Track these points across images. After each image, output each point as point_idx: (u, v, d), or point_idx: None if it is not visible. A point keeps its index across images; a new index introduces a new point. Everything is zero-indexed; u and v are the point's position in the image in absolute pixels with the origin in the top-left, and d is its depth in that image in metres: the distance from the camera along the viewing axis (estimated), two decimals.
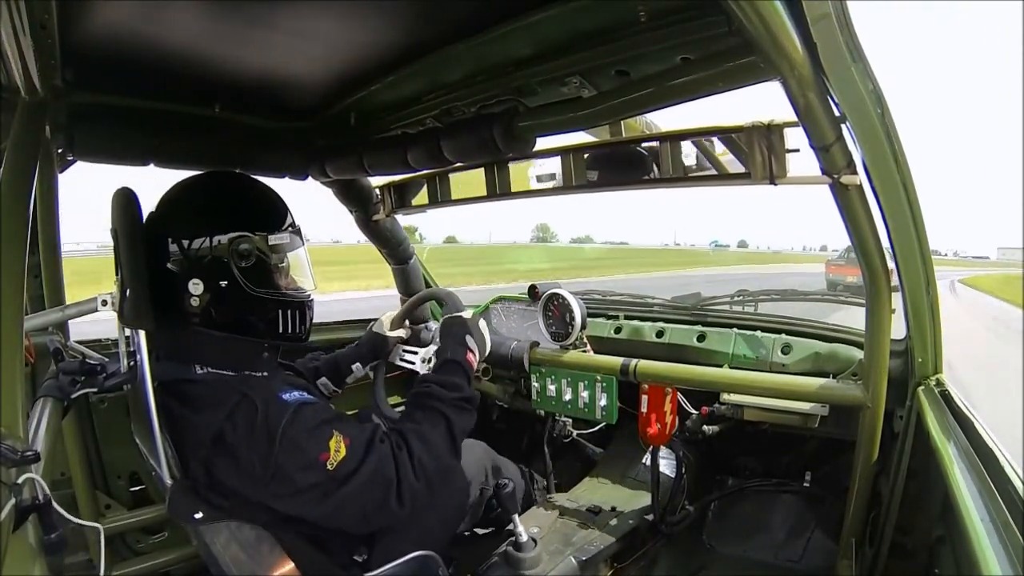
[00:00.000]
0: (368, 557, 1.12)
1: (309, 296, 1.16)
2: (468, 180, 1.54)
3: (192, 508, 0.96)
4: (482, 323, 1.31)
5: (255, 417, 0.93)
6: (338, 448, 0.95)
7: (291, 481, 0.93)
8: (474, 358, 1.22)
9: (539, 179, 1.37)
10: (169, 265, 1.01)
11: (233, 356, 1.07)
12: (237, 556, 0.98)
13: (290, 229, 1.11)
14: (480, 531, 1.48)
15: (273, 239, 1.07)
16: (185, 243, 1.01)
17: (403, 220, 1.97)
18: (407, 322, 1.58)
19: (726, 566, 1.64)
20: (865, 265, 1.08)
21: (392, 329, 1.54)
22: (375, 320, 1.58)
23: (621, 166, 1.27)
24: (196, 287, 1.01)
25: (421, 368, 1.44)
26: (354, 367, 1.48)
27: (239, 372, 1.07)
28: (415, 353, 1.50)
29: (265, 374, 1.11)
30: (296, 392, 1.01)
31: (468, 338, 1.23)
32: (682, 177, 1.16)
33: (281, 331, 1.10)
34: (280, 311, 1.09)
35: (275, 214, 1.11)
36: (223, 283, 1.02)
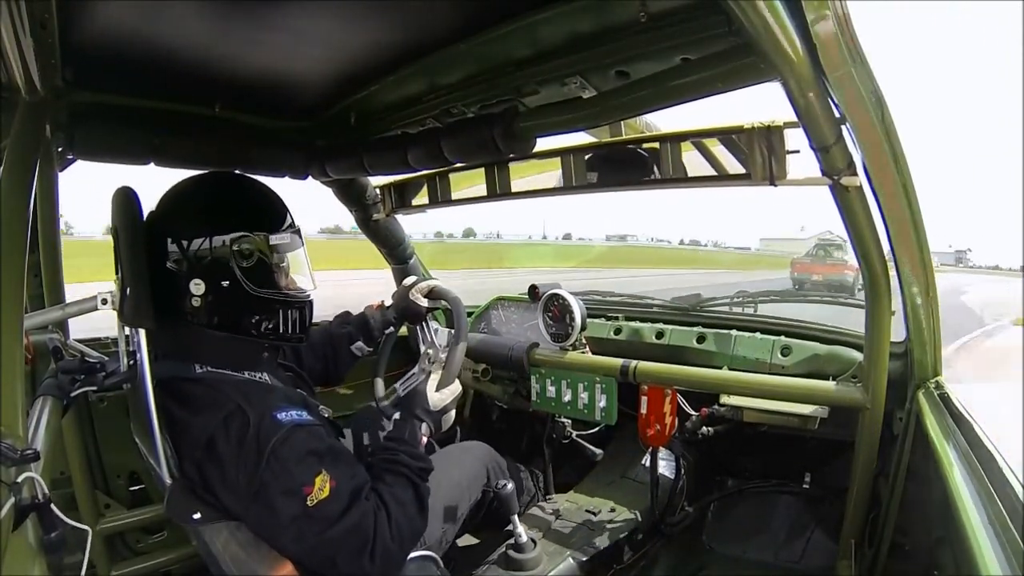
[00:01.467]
0: None
1: (309, 296, 1.16)
2: (468, 179, 1.55)
3: (191, 508, 0.96)
4: (450, 414, 1.25)
5: (247, 432, 0.93)
6: (322, 487, 0.94)
7: (272, 507, 0.93)
8: (426, 438, 1.19)
9: None
10: (170, 265, 1.01)
11: (233, 356, 1.07)
12: (237, 556, 0.98)
13: (290, 229, 1.11)
14: (480, 532, 1.48)
15: (274, 239, 1.07)
16: (186, 243, 1.01)
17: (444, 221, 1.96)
18: (443, 301, 1.57)
19: (726, 567, 1.64)
20: (865, 266, 1.08)
21: (426, 297, 1.53)
22: (412, 281, 1.56)
23: (621, 167, 1.27)
24: (198, 287, 1.01)
25: (422, 359, 1.44)
26: (387, 331, 1.52)
27: (238, 372, 1.07)
28: (428, 337, 1.50)
29: (265, 376, 1.11)
30: (294, 411, 0.99)
31: (424, 426, 1.18)
32: (682, 178, 1.16)
33: (281, 331, 1.10)
34: (281, 311, 1.10)
35: (276, 214, 1.11)
36: (224, 283, 1.03)
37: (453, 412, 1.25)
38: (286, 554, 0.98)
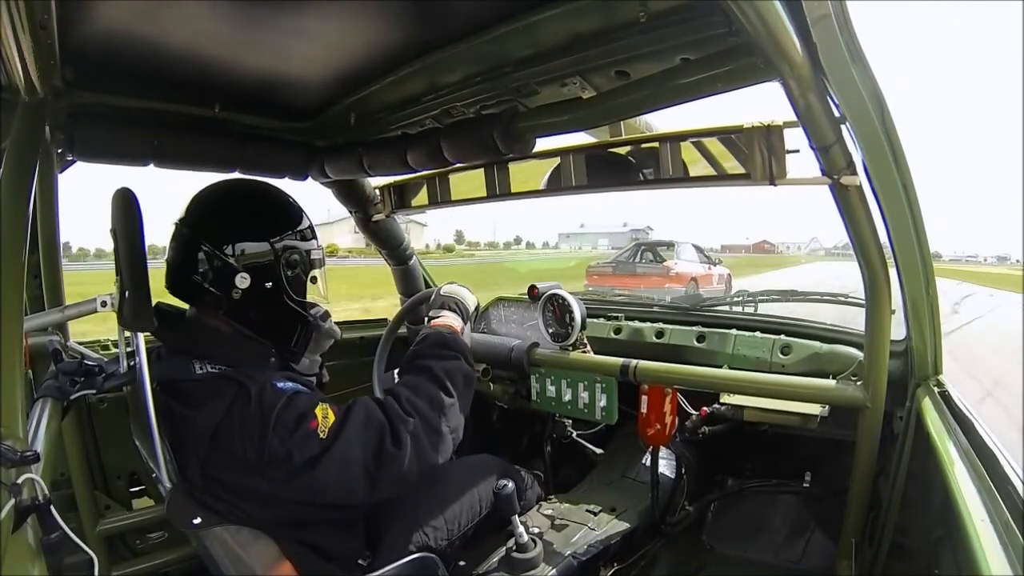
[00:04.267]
0: (372, 560, 1.12)
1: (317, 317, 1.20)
2: (468, 180, 1.54)
3: (191, 513, 0.96)
4: (452, 287, 1.39)
5: (249, 403, 0.94)
6: (326, 415, 0.97)
7: (290, 463, 0.93)
8: (450, 317, 1.28)
9: None
10: (222, 256, 1.04)
11: (242, 354, 1.07)
12: (237, 557, 0.98)
13: (318, 244, 1.17)
14: (481, 532, 1.47)
15: (316, 253, 1.14)
16: (244, 243, 1.05)
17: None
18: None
19: (726, 566, 1.64)
20: (865, 265, 1.08)
21: None
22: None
23: (620, 167, 1.27)
24: (243, 280, 1.05)
25: None
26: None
27: (239, 368, 1.07)
28: None
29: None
30: (290, 383, 1.02)
31: (437, 311, 1.28)
32: (681, 178, 1.16)
33: (293, 344, 1.15)
34: (300, 325, 1.14)
35: (310, 225, 1.16)
36: (268, 284, 1.08)
37: (472, 296, 1.37)
38: (322, 498, 0.97)
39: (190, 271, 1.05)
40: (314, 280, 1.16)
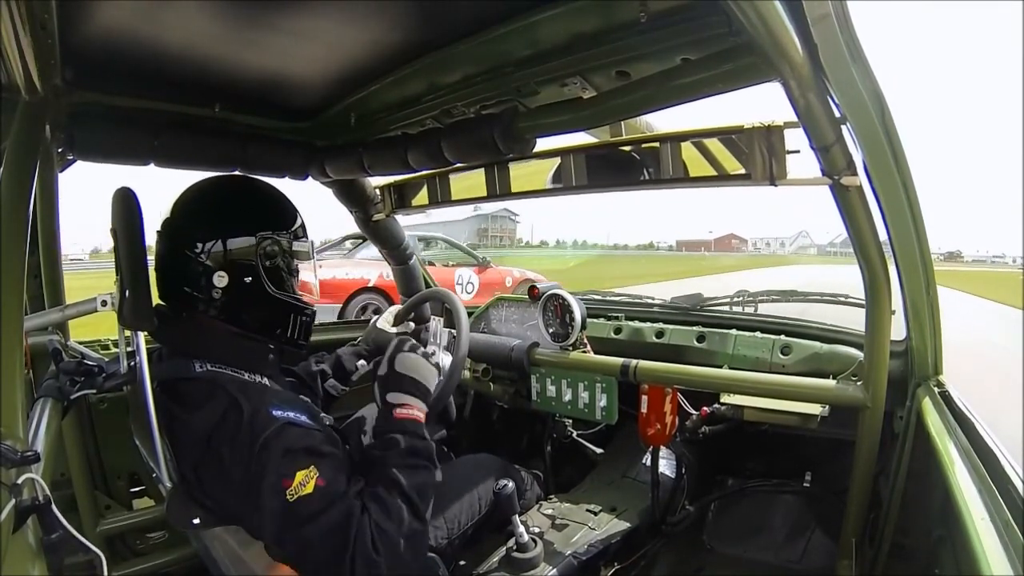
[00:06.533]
0: None
1: (314, 307, 1.19)
2: (468, 180, 1.55)
3: (190, 514, 0.95)
4: (408, 359, 1.11)
5: (240, 425, 0.92)
6: (305, 483, 0.88)
7: (259, 503, 0.88)
8: (415, 407, 1.07)
9: None
10: (194, 256, 1.03)
11: (238, 354, 1.07)
12: (237, 557, 0.98)
13: (306, 236, 1.15)
14: (481, 532, 1.48)
15: (297, 245, 1.12)
16: (214, 240, 1.04)
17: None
18: (411, 323, 1.58)
19: (726, 566, 1.64)
20: (865, 265, 1.08)
21: (394, 325, 1.54)
22: (377, 317, 1.58)
23: (621, 167, 1.27)
24: (221, 279, 1.04)
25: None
26: (358, 364, 1.49)
27: (239, 372, 1.07)
28: (428, 339, 1.49)
29: (265, 380, 1.09)
30: (290, 411, 0.96)
31: (396, 394, 1.07)
32: (682, 178, 1.16)
33: (289, 335, 1.13)
34: (292, 315, 1.13)
35: (297, 220, 1.15)
36: (247, 279, 1.06)
37: (432, 372, 1.14)
38: (274, 554, 0.94)
39: (173, 278, 1.05)
40: (295, 272, 1.14)
